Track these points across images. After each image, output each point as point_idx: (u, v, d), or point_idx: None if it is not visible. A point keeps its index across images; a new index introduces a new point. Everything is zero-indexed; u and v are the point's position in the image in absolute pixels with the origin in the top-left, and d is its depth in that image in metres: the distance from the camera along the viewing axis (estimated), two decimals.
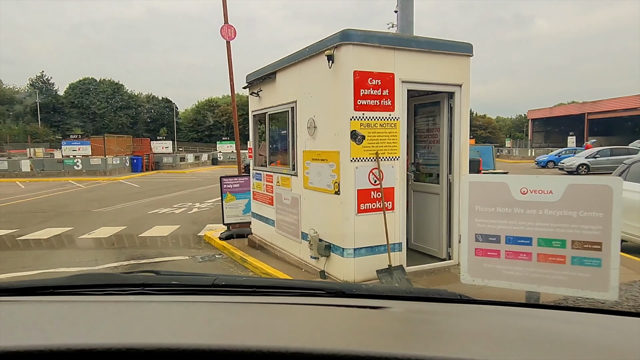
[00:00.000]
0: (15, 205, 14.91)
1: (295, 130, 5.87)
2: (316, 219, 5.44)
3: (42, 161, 27.33)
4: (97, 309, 1.10)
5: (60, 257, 7.74)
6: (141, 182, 23.59)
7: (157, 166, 32.05)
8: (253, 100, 7.32)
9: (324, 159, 5.16)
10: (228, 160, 40.59)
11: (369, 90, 4.83)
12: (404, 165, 5.17)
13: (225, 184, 8.62)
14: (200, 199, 15.94)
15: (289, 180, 6.17)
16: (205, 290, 1.27)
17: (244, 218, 8.62)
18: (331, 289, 1.28)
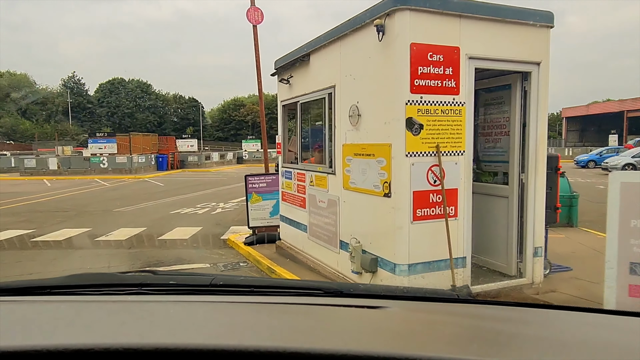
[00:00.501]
0: (38, 203, 14.58)
1: (333, 120, 4.97)
2: (359, 226, 4.53)
3: (69, 159, 27.38)
4: (94, 308, 1.09)
5: (71, 262, 7.08)
6: (166, 180, 23.21)
7: (182, 165, 31.80)
8: (282, 89, 6.46)
9: (371, 154, 4.24)
10: (253, 159, 40.11)
11: (429, 68, 3.89)
12: (469, 162, 4.20)
13: (251, 183, 7.80)
14: (224, 198, 15.27)
15: (324, 180, 5.28)
16: (203, 290, 1.25)
17: (271, 221, 7.78)
18: (329, 289, 1.27)
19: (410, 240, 3.94)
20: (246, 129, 74.28)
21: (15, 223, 10.78)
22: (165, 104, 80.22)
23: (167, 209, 12.95)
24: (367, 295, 1.28)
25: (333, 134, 4.99)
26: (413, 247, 3.94)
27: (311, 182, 5.66)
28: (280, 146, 6.72)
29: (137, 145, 28.74)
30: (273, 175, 7.85)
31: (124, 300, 1.17)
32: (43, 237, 9.09)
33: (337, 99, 4.89)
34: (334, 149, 5.01)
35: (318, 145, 6.20)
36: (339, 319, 1.05)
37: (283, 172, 6.66)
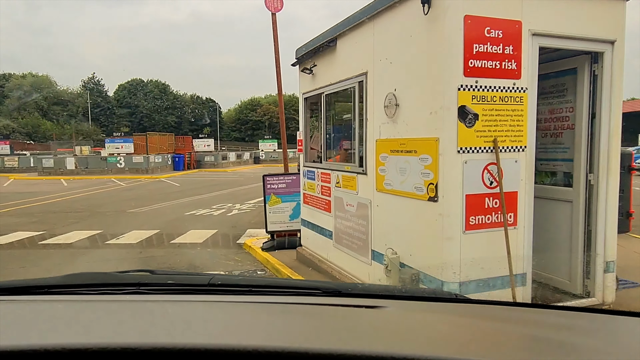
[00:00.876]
0: (53, 203, 14.30)
1: (365, 112, 4.33)
2: (396, 234, 3.88)
3: (86, 159, 27.33)
4: (92, 308, 1.08)
5: (77, 268, 6.60)
6: (182, 180, 22.88)
7: (198, 164, 31.54)
8: (304, 80, 5.85)
9: (412, 150, 3.59)
10: (270, 159, 39.68)
11: (486, 46, 3.22)
12: (531, 159, 3.51)
13: (269, 184, 7.21)
14: (241, 199, 14.76)
15: (353, 181, 4.65)
16: (201, 290, 1.24)
17: (292, 225, 7.18)
18: (327, 289, 1.26)
19: (462, 253, 3.28)
20: (263, 129, 74.13)
21: (27, 224, 10.44)
22: (183, 104, 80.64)
23: (182, 210, 12.49)
24: (365, 295, 1.28)
25: (364, 129, 4.36)
26: (466, 262, 3.27)
27: (337, 183, 5.03)
28: (302, 143, 6.11)
29: (154, 145, 28.53)
30: (293, 175, 7.25)
31: (122, 300, 1.17)
32: (52, 239, 8.68)
33: (369, 88, 4.26)
34: (364, 146, 4.38)
35: (345, 142, 5.57)
36: (338, 319, 1.04)
37: (305, 172, 6.05)
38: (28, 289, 1.24)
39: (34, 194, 17.09)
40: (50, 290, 1.22)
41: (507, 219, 3.34)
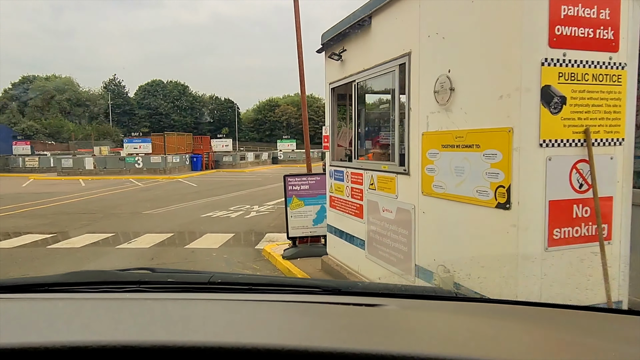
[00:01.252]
0: (68, 204, 13.97)
1: (407, 100, 3.63)
2: (449, 248, 3.16)
3: (104, 159, 27.24)
4: (92, 306, 1.09)
5: None
6: (199, 181, 22.48)
7: (216, 165, 31.21)
8: (332, 68, 5.17)
9: (473, 145, 2.88)
10: (288, 159, 39.16)
11: (577, 7, 2.49)
12: (630, 155, 2.76)
13: (291, 185, 6.55)
14: (259, 200, 14.19)
15: (392, 182, 3.94)
16: (201, 288, 1.25)
17: (315, 230, 6.52)
18: (327, 287, 1.26)
19: (542, 275, 2.54)
20: (281, 130, 73.81)
21: (39, 226, 10.05)
22: (202, 105, 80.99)
23: (199, 212, 11.97)
24: (365, 293, 1.27)
25: (406, 121, 3.65)
26: (548, 287, 2.54)
27: (371, 184, 4.33)
28: (328, 140, 5.43)
29: (172, 145, 28.26)
30: (317, 175, 6.58)
31: (122, 298, 1.17)
32: (61, 243, 8.21)
33: (413, 71, 3.55)
34: (406, 141, 3.67)
35: (379, 137, 4.87)
36: (337, 317, 1.03)
37: (332, 173, 5.37)
38: (28, 286, 1.25)
39: (51, 194, 16.86)
40: (51, 288, 1.23)
41: (601, 231, 2.60)
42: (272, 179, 22.69)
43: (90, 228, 9.86)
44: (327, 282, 1.35)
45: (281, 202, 13.89)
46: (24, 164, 29.10)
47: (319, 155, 46.29)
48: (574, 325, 1.04)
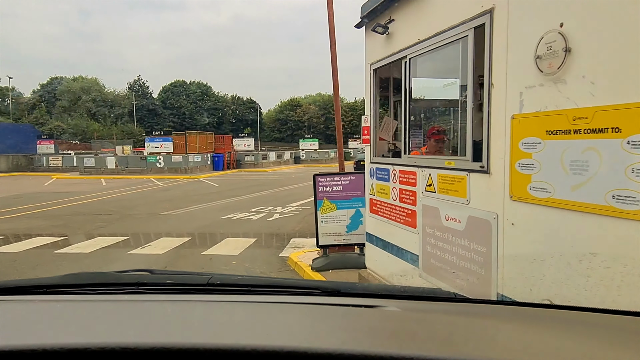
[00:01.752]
0: (85, 204, 13.50)
1: (489, 74, 2.71)
2: (560, 276, 2.24)
3: (126, 158, 27.03)
4: (91, 308, 1.08)
5: None
6: (221, 180, 21.91)
7: (238, 164, 30.71)
8: (374, 44, 4.29)
9: (608, 129, 1.96)
10: (311, 159, 38.41)
11: None
12: None
13: (321, 186, 5.70)
14: (282, 201, 13.41)
15: (461, 183, 3.04)
16: (200, 289, 1.24)
17: (349, 238, 5.65)
18: (326, 288, 1.26)
19: None
20: (302, 130, 73.22)
21: (50, 228, 9.49)
22: (224, 105, 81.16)
23: (218, 214, 11.27)
24: (364, 294, 1.26)
25: (486, 100, 2.74)
26: None
27: (429, 185, 3.43)
28: (369, 132, 4.54)
29: (193, 144, 27.83)
30: (351, 175, 5.70)
31: (121, 300, 1.16)
32: (69, 247, 7.58)
33: (496, 34, 2.64)
34: (486, 128, 2.76)
35: (435, 128, 3.97)
36: (337, 318, 1.03)
37: (373, 171, 4.48)
38: (27, 288, 1.24)
39: (70, 194, 16.50)
40: (49, 290, 1.22)
41: None
42: (295, 179, 21.93)
43: (104, 230, 9.24)
44: (326, 284, 1.36)
45: (306, 204, 13.07)
46: (47, 163, 29.19)
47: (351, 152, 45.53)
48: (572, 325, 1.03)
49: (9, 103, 58.66)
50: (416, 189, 3.64)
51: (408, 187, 3.76)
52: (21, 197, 15.39)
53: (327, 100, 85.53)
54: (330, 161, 39.92)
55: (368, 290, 1.33)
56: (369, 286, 1.56)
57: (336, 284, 1.34)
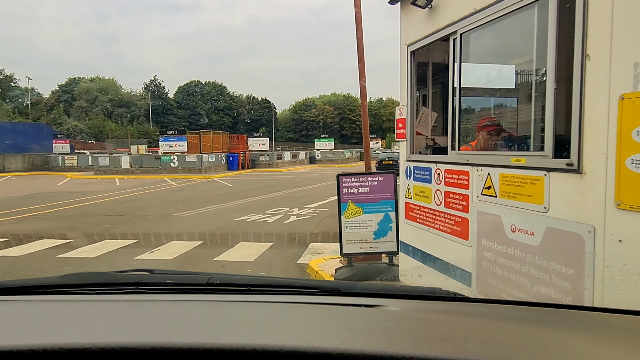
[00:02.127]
0: (96, 205, 13.12)
1: (583, 42, 2.07)
2: None
3: (140, 158, 26.78)
4: (90, 308, 1.08)
5: None
6: (235, 181, 21.45)
7: (253, 164, 30.27)
8: (412, 22, 3.66)
9: None
10: (326, 159, 37.78)
11: None
12: None
13: (346, 187, 5.08)
14: (299, 203, 12.83)
15: (536, 185, 2.40)
16: (200, 289, 1.23)
17: (377, 246, 5.03)
18: (326, 288, 1.27)
19: None
20: (317, 130, 72.66)
21: (57, 229, 9.08)
22: (239, 105, 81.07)
23: (232, 215, 10.74)
24: (364, 294, 1.25)
25: (579, 77, 2.10)
26: None
27: (487, 188, 2.80)
28: (404, 125, 3.92)
29: (208, 143, 27.44)
30: (380, 175, 5.08)
31: (120, 300, 1.16)
32: (74, 252, 7.12)
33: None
34: (578, 114, 2.12)
35: (488, 119, 3.33)
36: (336, 318, 1.02)
37: (410, 170, 3.85)
38: (26, 288, 1.24)
39: (83, 193, 16.20)
40: (49, 290, 1.21)
41: None
42: (311, 180, 21.36)
43: (112, 232, 8.78)
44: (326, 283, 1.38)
45: (324, 205, 12.46)
46: (63, 162, 29.14)
47: (357, 155, 44.76)
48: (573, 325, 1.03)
49: (28, 103, 59.38)
50: (469, 192, 3.00)
51: (457, 189, 3.13)
52: (33, 197, 15.12)
53: (341, 100, 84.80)
54: (346, 161, 39.22)
55: (368, 289, 1.32)
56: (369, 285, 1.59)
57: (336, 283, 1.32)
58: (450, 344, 0.85)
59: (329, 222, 9.67)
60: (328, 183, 19.75)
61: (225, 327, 0.91)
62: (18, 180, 22.79)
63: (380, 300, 1.14)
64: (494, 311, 1.15)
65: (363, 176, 5.06)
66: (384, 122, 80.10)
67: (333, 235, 8.43)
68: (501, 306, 1.20)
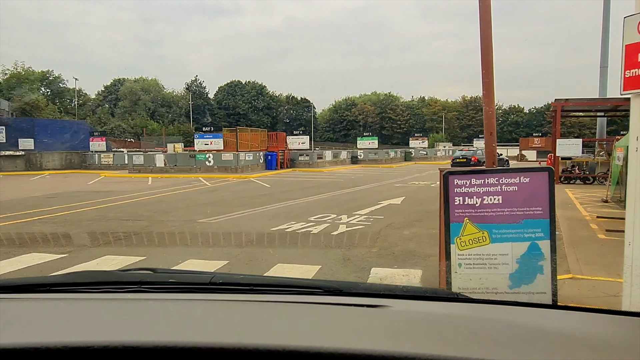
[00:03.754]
0: (117, 206, 11.58)
1: None
2: None
3: (175, 156, 25.59)
4: (94, 306, 1.09)
5: None
6: (273, 181, 19.65)
7: (292, 163, 28.52)
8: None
9: None
10: (369, 159, 35.45)
11: None
12: None
13: (462, 194, 2.91)
14: (346, 208, 10.74)
15: None
16: (203, 289, 1.23)
17: (516, 296, 2.83)
18: (328, 287, 1.25)
19: None
20: (357, 129, 70.35)
21: (57, 239, 7.46)
22: (278, 104, 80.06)
23: (268, 223, 8.81)
24: (367, 294, 1.25)
25: None
26: None
27: None
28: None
29: (245, 141, 25.86)
30: (522, 174, 2.89)
31: (124, 299, 1.16)
32: (66, 270, 5.32)
33: None
34: None
35: None
36: (339, 318, 1.03)
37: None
38: (30, 286, 1.25)
39: (110, 193, 14.84)
40: (53, 288, 1.22)
41: None
42: (356, 181, 19.22)
43: (121, 244, 7.05)
44: (329, 283, 1.32)
45: (376, 212, 10.18)
46: (99, 160, 28.47)
47: (401, 155, 42.12)
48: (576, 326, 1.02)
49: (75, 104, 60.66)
50: None
51: None
52: (55, 197, 13.87)
53: (383, 99, 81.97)
54: (391, 161, 36.74)
55: (370, 289, 1.32)
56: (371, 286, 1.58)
57: (338, 283, 1.32)
58: (452, 344, 0.84)
59: (390, 235, 7.54)
60: (375, 185, 17.59)
61: (227, 326, 0.91)
62: (52, 179, 22.04)
63: (383, 301, 1.13)
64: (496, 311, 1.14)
65: (492, 175, 2.87)
66: (426, 121, 76.74)
67: (400, 255, 6.31)
68: (503, 307, 1.19)
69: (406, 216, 9.69)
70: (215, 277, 1.25)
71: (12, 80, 49.44)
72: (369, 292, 1.27)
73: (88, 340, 0.74)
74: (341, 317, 1.02)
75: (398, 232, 7.89)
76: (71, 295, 1.17)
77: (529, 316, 1.11)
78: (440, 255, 3.12)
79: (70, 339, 0.75)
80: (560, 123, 18.05)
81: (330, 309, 1.07)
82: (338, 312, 1.05)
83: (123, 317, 0.96)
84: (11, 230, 8.10)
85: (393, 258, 6.11)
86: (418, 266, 5.69)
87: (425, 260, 5.97)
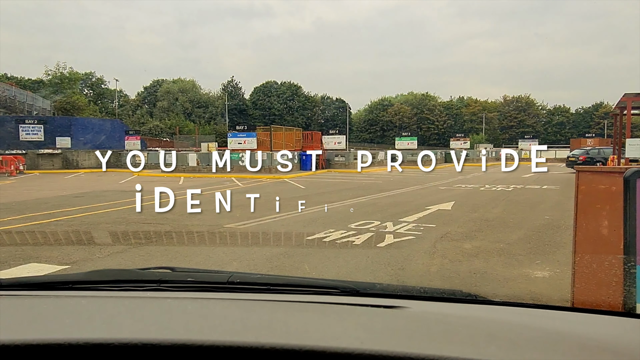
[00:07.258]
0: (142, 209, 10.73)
1: None
2: None
3: (208, 156, 25.01)
4: (114, 304, 1.11)
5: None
6: (308, 182, 18.62)
7: (328, 164, 27.46)
8: None
9: None
10: (407, 160, 33.82)
11: None
12: None
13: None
14: (389, 213, 9.49)
15: None
16: (221, 288, 1.26)
17: None
18: (345, 288, 1.26)
19: None
20: (393, 130, 68.52)
21: (67, 245, 6.61)
22: (313, 104, 79.29)
23: (303, 229, 7.72)
24: (384, 294, 1.25)
25: None
26: None
27: None
28: None
29: (279, 141, 25.01)
30: None
31: (143, 297, 1.19)
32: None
33: None
34: None
35: None
36: (355, 318, 1.03)
37: None
38: (53, 284, 1.29)
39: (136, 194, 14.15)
40: (74, 286, 1.27)
41: None
42: (395, 183, 17.88)
43: (135, 253, 6.11)
44: (345, 283, 1.32)
45: (425, 220, 8.78)
46: (134, 159, 28.35)
47: (442, 156, 40.21)
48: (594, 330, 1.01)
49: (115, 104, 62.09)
50: None
51: None
52: (83, 196, 13.35)
53: (419, 99, 79.64)
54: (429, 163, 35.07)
55: (387, 290, 1.31)
56: (388, 286, 1.47)
57: (355, 283, 1.32)
58: (470, 346, 0.83)
59: (449, 250, 6.24)
60: (417, 188, 16.21)
61: (245, 325, 0.92)
62: (86, 177, 21.93)
63: (400, 302, 1.12)
64: (515, 314, 1.13)
65: None
66: (465, 122, 73.90)
67: (468, 278, 5.01)
68: (522, 309, 1.17)
69: (462, 225, 8.33)
70: (232, 277, 1.28)
71: (55, 81, 51.00)
72: (386, 292, 1.27)
73: (108, 337, 0.77)
74: (358, 318, 1.02)
75: (457, 245, 6.58)
76: (92, 293, 1.23)
77: (548, 318, 1.10)
78: None
79: (91, 336, 0.78)
80: (630, 121, 16.05)
81: (347, 309, 1.07)
82: (355, 312, 1.06)
83: (142, 315, 0.97)
84: (21, 235, 7.36)
85: (459, 281, 4.83)
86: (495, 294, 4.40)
87: (503, 285, 4.67)
